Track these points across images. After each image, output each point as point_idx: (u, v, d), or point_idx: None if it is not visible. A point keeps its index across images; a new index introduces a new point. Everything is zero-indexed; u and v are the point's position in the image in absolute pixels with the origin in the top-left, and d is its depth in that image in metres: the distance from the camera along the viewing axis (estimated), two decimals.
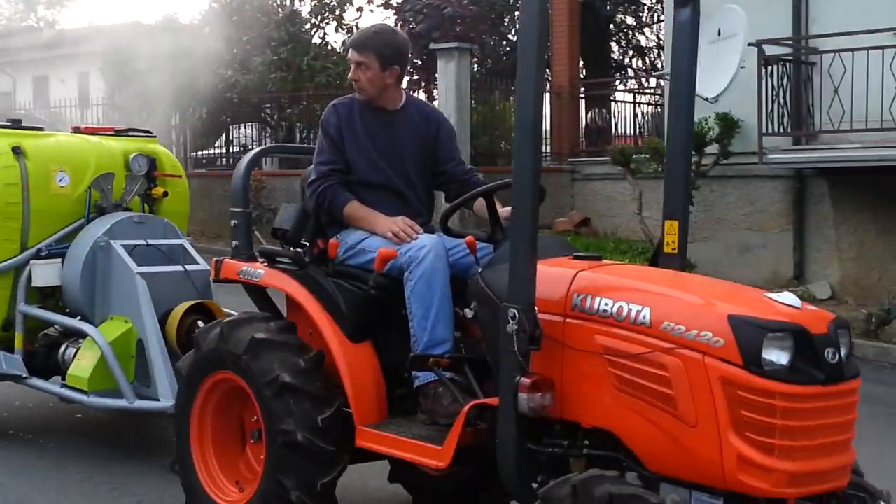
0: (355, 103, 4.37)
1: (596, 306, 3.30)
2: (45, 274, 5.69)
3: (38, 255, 5.71)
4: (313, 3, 17.81)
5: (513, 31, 20.54)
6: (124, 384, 5.32)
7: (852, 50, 10.33)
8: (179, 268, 5.68)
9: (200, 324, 5.30)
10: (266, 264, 4.38)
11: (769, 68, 10.89)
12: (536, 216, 3.30)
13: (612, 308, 3.26)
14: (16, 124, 5.97)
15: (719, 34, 11.15)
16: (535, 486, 3.34)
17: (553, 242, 4.05)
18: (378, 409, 3.96)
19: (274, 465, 3.89)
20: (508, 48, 20.39)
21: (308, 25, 17.95)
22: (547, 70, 15.22)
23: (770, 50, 10.85)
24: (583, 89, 16.42)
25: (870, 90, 10.23)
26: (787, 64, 11.11)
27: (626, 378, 3.18)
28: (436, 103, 13.75)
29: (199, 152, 19.54)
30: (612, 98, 16.99)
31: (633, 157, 12.27)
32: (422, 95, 16.45)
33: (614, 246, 12.36)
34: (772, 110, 10.97)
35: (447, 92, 13.44)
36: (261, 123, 18.63)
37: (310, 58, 16.54)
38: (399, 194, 4.31)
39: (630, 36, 22.53)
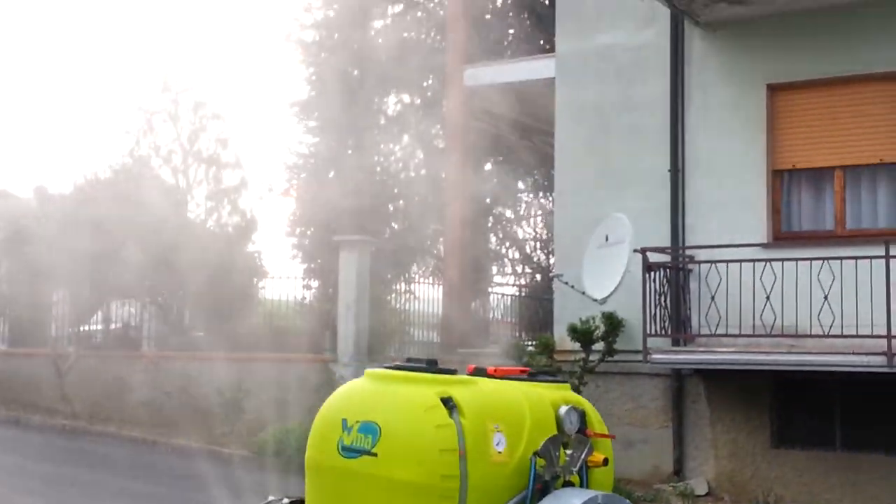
0: None
1: None
2: None
3: None
4: (209, 188, 18.32)
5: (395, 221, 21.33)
6: None
7: (726, 261, 11.35)
8: None
9: None
10: None
11: (652, 273, 11.78)
12: None
13: None
14: (431, 366, 4.41)
15: (607, 240, 12.01)
16: None
17: None
18: None
19: None
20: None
21: (202, 208, 18.39)
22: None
23: (653, 257, 11.77)
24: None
25: (742, 298, 11.23)
26: (668, 270, 12.05)
27: None
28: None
29: (79, 328, 19.35)
30: (490, 289, 17.83)
31: (527, 350, 12.89)
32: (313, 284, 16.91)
33: None
34: (654, 313, 11.80)
35: (347, 283, 13.93)
36: (146, 300, 18.66)
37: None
38: None
39: (508, 228, 23.64)
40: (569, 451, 4.33)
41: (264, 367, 15.02)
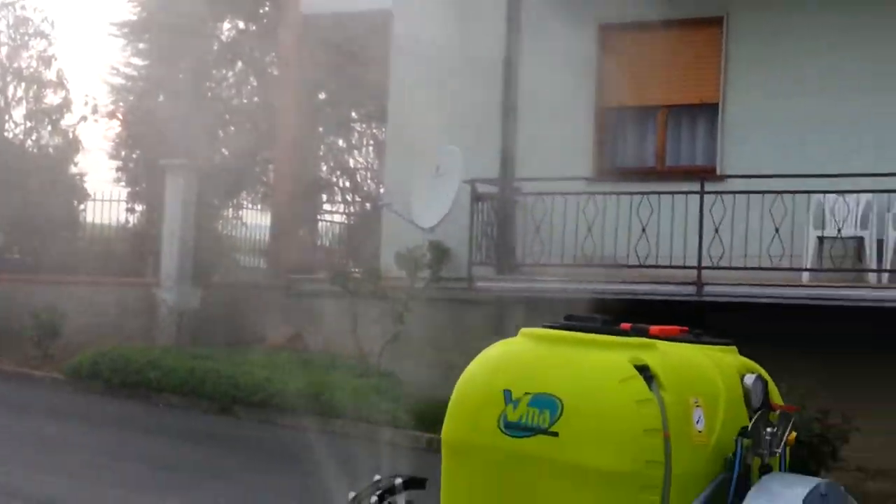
0: None
1: None
2: None
3: None
4: (29, 107, 17.49)
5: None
6: None
7: (552, 194, 11.63)
8: None
9: None
10: None
11: (480, 204, 11.97)
12: None
13: None
14: (609, 327, 3.54)
15: (438, 171, 12.11)
16: None
17: None
18: None
19: None
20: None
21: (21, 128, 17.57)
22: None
23: (482, 188, 11.95)
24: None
25: (566, 230, 11.53)
26: (496, 202, 12.24)
27: None
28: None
29: None
30: (319, 217, 17.76)
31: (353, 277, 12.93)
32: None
33: (330, 362, 12.81)
34: (481, 242, 12.01)
35: (172, 208, 13.59)
36: None
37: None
38: None
39: (339, 157, 23.48)
40: (769, 430, 3.58)
41: (83, 290, 14.53)
